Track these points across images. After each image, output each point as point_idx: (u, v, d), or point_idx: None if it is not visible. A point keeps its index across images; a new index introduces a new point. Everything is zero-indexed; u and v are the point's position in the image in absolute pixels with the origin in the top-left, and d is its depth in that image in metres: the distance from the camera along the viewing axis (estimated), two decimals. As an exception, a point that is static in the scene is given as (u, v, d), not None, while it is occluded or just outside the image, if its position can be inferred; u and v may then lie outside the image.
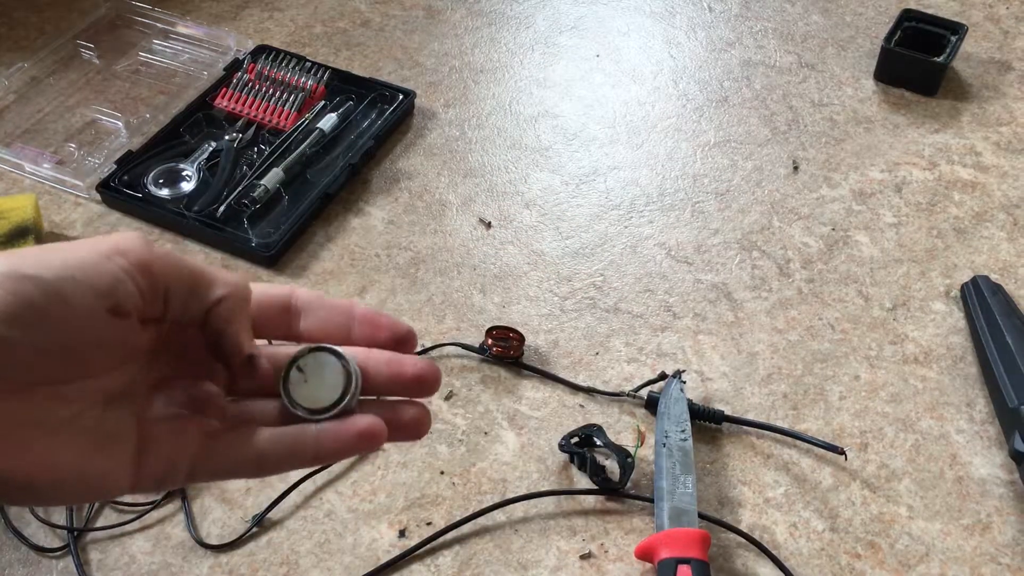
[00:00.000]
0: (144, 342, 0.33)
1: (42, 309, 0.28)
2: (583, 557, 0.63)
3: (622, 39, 1.04)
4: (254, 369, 0.35)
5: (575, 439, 0.67)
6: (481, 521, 0.65)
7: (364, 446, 0.35)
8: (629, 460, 0.65)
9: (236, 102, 0.92)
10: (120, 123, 0.91)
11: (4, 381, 0.28)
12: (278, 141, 0.88)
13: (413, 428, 0.37)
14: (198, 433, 0.34)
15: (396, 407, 0.37)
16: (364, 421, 0.35)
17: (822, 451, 0.67)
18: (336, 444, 0.35)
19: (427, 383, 0.37)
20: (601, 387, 0.72)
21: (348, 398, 0.36)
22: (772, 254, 0.82)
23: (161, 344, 0.34)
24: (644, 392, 0.70)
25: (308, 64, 0.95)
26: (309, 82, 0.93)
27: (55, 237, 0.82)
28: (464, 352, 0.74)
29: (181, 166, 0.87)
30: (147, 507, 0.65)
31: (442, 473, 0.67)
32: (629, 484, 0.65)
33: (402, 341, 0.37)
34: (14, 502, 0.31)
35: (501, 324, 0.74)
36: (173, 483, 0.34)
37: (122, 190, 0.85)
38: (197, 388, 0.35)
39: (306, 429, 0.35)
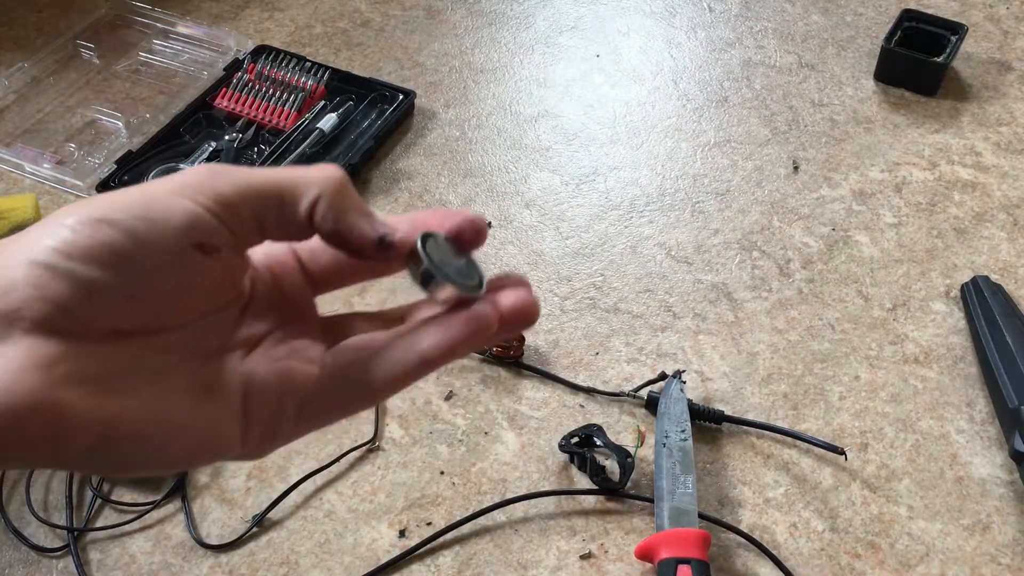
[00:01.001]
0: (238, 286, 0.32)
1: (123, 249, 0.27)
2: (583, 557, 0.63)
3: (622, 39, 1.04)
4: (390, 248, 0.31)
5: (575, 439, 0.67)
6: (481, 521, 0.65)
7: (476, 335, 0.31)
8: (629, 460, 0.65)
9: (236, 102, 0.92)
10: (120, 123, 0.91)
11: (93, 326, 0.27)
12: (278, 141, 0.88)
13: (524, 313, 0.31)
14: (302, 380, 0.31)
15: (496, 294, 0.32)
16: (468, 310, 0.31)
17: (822, 451, 0.67)
18: (444, 341, 0.31)
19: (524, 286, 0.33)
20: (601, 387, 0.72)
21: (485, 278, 0.32)
22: (772, 254, 0.82)
23: (254, 298, 0.33)
24: (644, 392, 0.70)
25: (308, 64, 0.95)
26: (309, 82, 0.93)
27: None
28: (464, 352, 0.74)
29: (181, 166, 0.87)
30: (147, 507, 0.65)
31: (442, 473, 0.67)
32: (629, 484, 0.65)
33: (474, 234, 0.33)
34: (125, 465, 0.29)
35: (501, 324, 0.74)
36: (281, 439, 0.31)
37: (122, 190, 0.85)
38: (295, 343, 0.33)
39: (407, 338, 0.31)
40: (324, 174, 0.30)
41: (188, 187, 0.28)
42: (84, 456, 0.27)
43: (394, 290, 0.78)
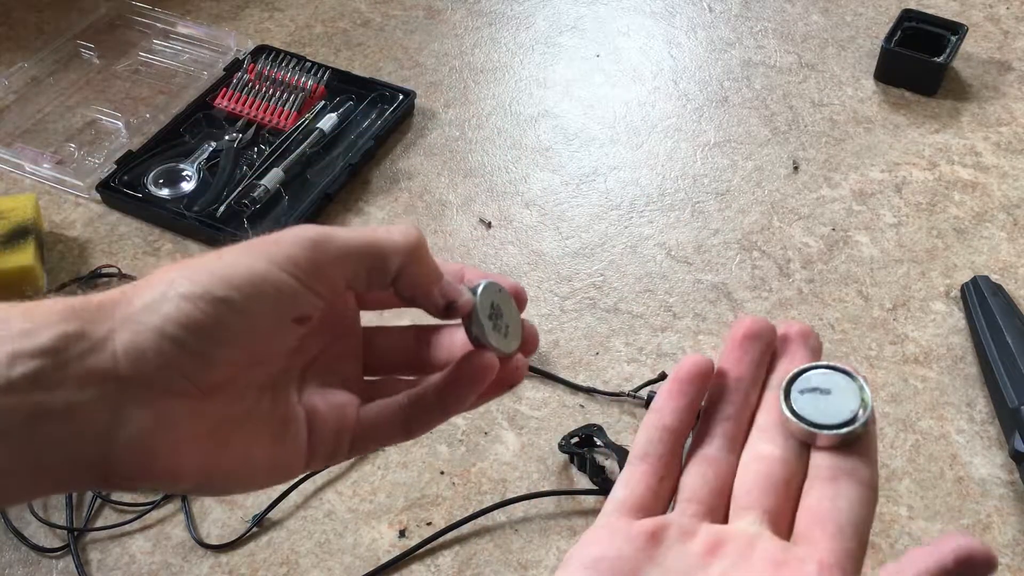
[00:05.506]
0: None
1: (237, 328, 0.31)
2: (583, 557, 0.63)
3: (622, 39, 1.04)
4: (454, 312, 0.35)
5: (575, 439, 0.67)
6: (481, 521, 0.65)
7: (480, 380, 0.36)
8: (629, 460, 0.65)
9: (236, 102, 0.92)
10: (120, 123, 0.91)
11: (200, 385, 0.31)
12: (278, 141, 0.88)
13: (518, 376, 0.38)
14: (353, 407, 0.36)
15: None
16: (482, 357, 0.36)
17: (822, 451, 0.67)
18: (457, 388, 0.36)
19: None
20: (601, 387, 0.72)
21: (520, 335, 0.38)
22: (772, 254, 0.82)
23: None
24: (644, 392, 0.70)
25: (308, 64, 0.95)
26: (309, 82, 0.93)
27: (55, 237, 0.82)
28: (464, 352, 0.74)
29: (181, 166, 0.87)
30: (147, 507, 0.65)
31: (442, 473, 0.67)
32: (629, 484, 0.65)
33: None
34: (216, 494, 0.33)
35: (501, 324, 0.74)
36: (339, 458, 0.36)
37: (122, 190, 0.85)
38: (341, 366, 0.37)
39: (429, 384, 0.36)
40: (407, 242, 0.34)
41: (291, 263, 0.32)
42: (187, 491, 0.33)
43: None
